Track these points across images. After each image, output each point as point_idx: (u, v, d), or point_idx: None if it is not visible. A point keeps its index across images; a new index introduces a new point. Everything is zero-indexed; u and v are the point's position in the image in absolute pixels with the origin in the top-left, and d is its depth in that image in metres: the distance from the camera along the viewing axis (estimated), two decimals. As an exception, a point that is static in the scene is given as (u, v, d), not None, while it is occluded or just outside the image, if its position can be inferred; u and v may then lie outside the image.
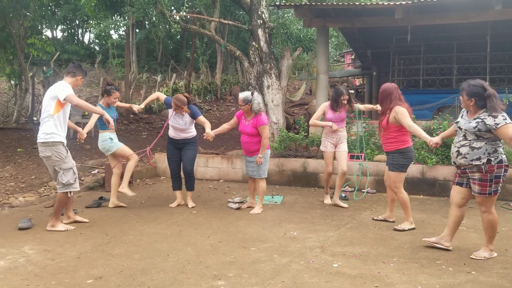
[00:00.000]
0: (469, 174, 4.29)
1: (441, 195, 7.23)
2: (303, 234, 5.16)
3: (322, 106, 6.74)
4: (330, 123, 6.43)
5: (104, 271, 3.96)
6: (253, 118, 6.10)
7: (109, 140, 6.41)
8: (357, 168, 7.66)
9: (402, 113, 5.14)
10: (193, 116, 6.41)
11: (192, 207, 6.51)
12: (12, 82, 13.65)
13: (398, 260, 4.25)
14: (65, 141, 5.24)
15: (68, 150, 5.32)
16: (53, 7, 23.66)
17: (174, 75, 18.78)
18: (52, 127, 5.11)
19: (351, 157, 8.08)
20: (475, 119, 4.18)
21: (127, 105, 7.29)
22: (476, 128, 4.13)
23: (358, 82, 20.76)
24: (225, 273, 3.91)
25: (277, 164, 8.42)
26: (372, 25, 10.24)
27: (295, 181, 8.29)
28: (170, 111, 6.48)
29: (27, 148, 10.15)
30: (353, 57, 18.91)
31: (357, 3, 9.87)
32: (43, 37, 17.23)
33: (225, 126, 6.58)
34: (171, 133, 6.55)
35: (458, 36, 11.84)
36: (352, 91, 19.44)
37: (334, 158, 6.71)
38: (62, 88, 5.08)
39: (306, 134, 9.41)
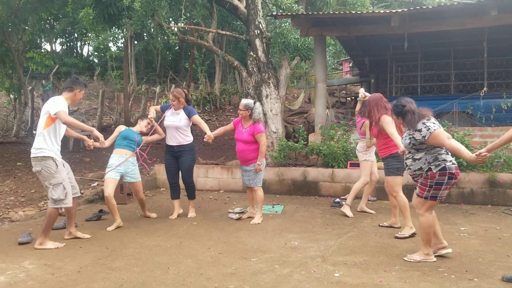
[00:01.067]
0: (416, 180, 4.48)
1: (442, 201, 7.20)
2: (304, 243, 5.14)
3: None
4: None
5: (104, 285, 3.94)
6: (250, 126, 6.14)
7: (110, 162, 6.22)
8: (359, 176, 7.64)
9: (386, 121, 5.29)
10: (189, 114, 6.41)
11: (192, 217, 6.51)
12: (12, 96, 13.68)
13: (400, 268, 4.23)
14: (56, 156, 5.10)
15: (62, 165, 5.17)
16: (51, 20, 23.80)
17: (173, 86, 18.84)
18: (41, 142, 5.05)
19: (351, 165, 8.09)
20: (409, 135, 4.39)
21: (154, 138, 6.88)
22: (411, 144, 4.36)
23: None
24: (226, 285, 3.89)
25: (277, 173, 8.41)
26: (369, 33, 10.30)
27: (295, 190, 8.27)
28: (167, 112, 6.50)
29: (27, 162, 10.12)
30: (351, 65, 18.96)
31: (353, 12, 9.93)
32: (42, 50, 17.31)
33: (221, 129, 6.64)
34: (168, 138, 6.54)
35: (455, 42, 11.87)
36: (351, 99, 19.47)
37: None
38: (55, 103, 5.04)
39: (306, 142, 9.41)
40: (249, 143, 6.15)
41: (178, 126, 6.40)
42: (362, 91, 6.41)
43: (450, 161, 4.27)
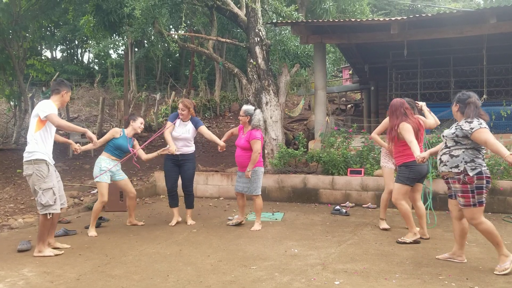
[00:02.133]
0: (452, 185, 4.41)
1: (442, 209, 7.19)
2: (304, 251, 5.12)
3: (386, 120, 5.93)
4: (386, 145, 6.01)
5: (103, 293, 3.93)
6: (248, 132, 6.17)
7: (98, 166, 6.18)
8: (359, 183, 7.63)
9: (405, 129, 5.19)
10: (196, 125, 6.45)
11: (191, 224, 6.51)
12: (12, 103, 13.70)
13: (400, 276, 4.22)
14: (49, 160, 5.08)
15: (54, 169, 5.16)
16: (52, 28, 23.87)
17: (173, 93, 18.84)
18: (34, 145, 5.03)
19: (351, 172, 8.09)
20: (455, 126, 4.38)
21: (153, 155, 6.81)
22: (454, 134, 4.32)
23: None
24: (225, 292, 3.87)
25: (277, 180, 8.40)
26: (369, 40, 10.33)
27: (295, 198, 8.26)
28: (177, 122, 6.47)
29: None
30: (350, 72, 19.00)
31: (353, 19, 9.97)
32: (43, 57, 17.36)
33: (228, 133, 6.66)
34: None
35: (455, 50, 11.91)
36: (351, 105, 19.50)
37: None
38: (44, 106, 5.02)
39: (306, 149, 9.41)
40: (246, 149, 6.19)
41: (186, 137, 6.44)
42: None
43: (485, 166, 4.30)
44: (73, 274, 4.43)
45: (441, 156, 4.47)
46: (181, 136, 6.41)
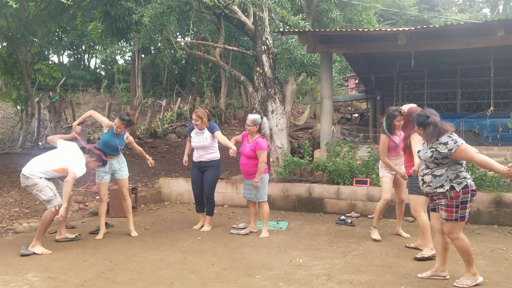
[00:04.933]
0: (437, 201, 4.32)
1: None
2: (309, 261, 5.10)
3: (382, 138, 5.89)
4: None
5: (107, 300, 3.92)
6: (254, 141, 6.20)
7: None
8: (364, 193, 7.61)
9: (416, 140, 5.10)
10: (211, 130, 6.50)
11: (205, 231, 6.61)
12: (18, 107, 13.75)
13: (406, 289, 4.19)
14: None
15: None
16: (60, 33, 24.03)
17: (179, 99, 18.90)
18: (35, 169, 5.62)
19: (357, 182, 8.06)
20: (430, 148, 4.24)
21: (145, 155, 6.84)
22: (433, 157, 4.21)
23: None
24: (230, 302, 3.85)
25: (282, 189, 8.38)
26: (376, 50, 10.34)
27: (300, 207, 8.23)
28: (193, 131, 6.59)
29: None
30: (356, 81, 19.01)
31: (360, 29, 9.98)
32: (50, 62, 17.44)
33: (232, 140, 6.64)
34: (195, 156, 6.66)
35: (462, 61, 11.90)
36: (357, 115, 19.49)
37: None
38: (79, 166, 5.65)
39: (311, 158, 9.39)
40: (251, 158, 6.24)
41: (204, 145, 6.52)
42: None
43: (470, 178, 4.21)
44: (78, 280, 4.43)
45: (423, 176, 4.35)
46: (198, 145, 6.54)
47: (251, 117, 6.33)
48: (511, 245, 5.81)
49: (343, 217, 7.29)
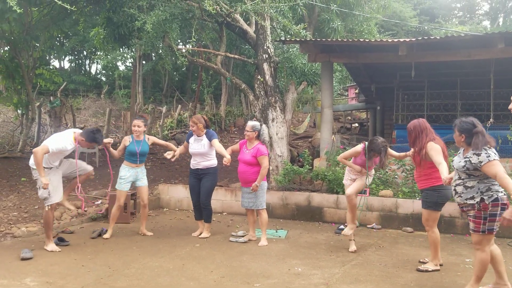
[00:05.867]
0: (467, 212, 4.28)
1: (446, 231, 7.13)
2: (307, 270, 5.09)
3: (357, 148, 6.04)
4: (358, 168, 6.04)
5: (106, 306, 3.90)
6: (254, 148, 6.21)
7: (121, 173, 6.59)
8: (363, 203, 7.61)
9: (434, 149, 4.96)
10: (210, 137, 6.53)
11: (204, 237, 6.63)
12: (19, 111, 13.78)
13: (405, 299, 4.18)
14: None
15: (54, 170, 5.82)
16: (61, 38, 24.13)
17: (179, 106, 18.95)
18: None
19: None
20: (464, 158, 4.21)
21: (164, 143, 7.27)
22: (465, 167, 4.16)
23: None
24: (228, 309, 3.84)
25: (281, 197, 8.38)
26: (376, 61, 10.38)
27: (299, 215, 8.22)
28: (192, 138, 6.66)
29: (31, 177, 10.12)
30: (357, 91, 19.06)
31: (361, 40, 10.03)
32: (51, 67, 17.49)
33: (229, 149, 6.65)
34: (192, 163, 6.70)
35: (462, 73, 11.94)
36: (356, 125, 19.53)
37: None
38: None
39: (311, 167, 9.39)
40: (251, 165, 6.24)
41: (202, 152, 6.55)
42: None
43: (502, 191, 4.15)
44: (76, 285, 4.42)
45: (455, 187, 4.31)
46: (196, 151, 6.58)
47: (251, 123, 6.39)
48: (510, 257, 5.78)
49: (342, 226, 7.27)
